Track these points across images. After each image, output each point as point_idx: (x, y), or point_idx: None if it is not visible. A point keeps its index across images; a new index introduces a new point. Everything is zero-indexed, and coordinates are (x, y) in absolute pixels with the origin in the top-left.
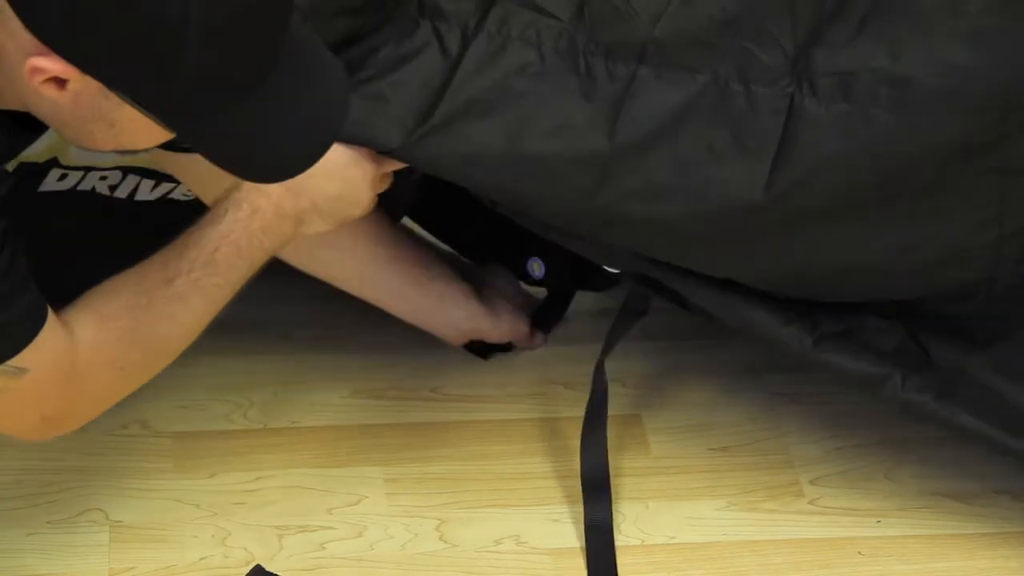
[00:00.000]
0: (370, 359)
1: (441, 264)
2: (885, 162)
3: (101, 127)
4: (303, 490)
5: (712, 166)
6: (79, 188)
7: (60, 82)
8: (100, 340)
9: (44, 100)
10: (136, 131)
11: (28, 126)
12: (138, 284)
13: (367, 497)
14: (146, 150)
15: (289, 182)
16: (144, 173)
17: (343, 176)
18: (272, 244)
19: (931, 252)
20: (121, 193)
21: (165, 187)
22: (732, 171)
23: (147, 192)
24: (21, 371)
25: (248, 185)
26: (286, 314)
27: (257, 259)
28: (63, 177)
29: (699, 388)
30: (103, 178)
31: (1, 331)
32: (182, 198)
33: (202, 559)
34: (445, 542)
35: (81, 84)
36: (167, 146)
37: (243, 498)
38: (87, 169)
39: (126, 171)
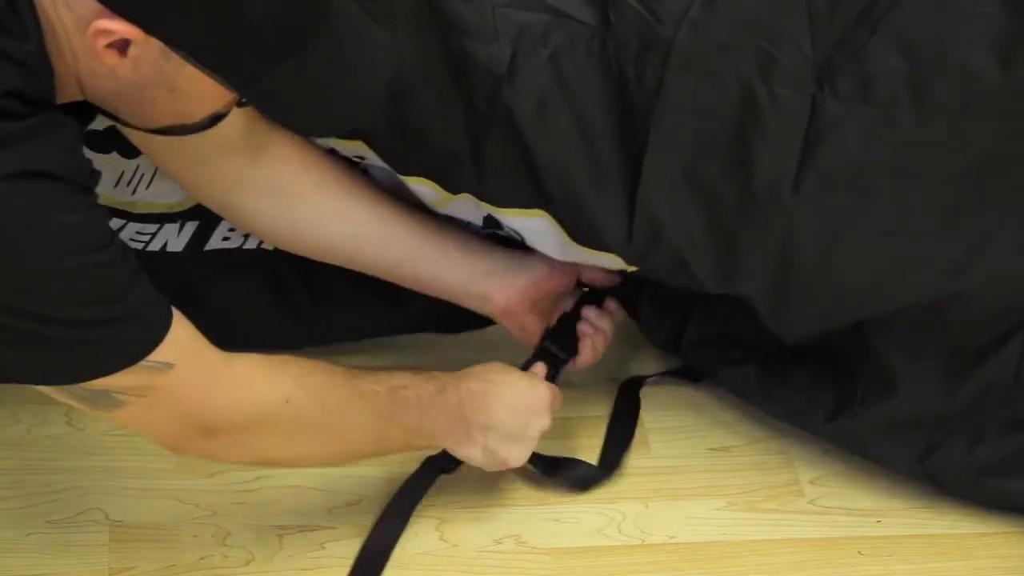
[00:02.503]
0: (370, 359)
1: (452, 223)
2: (913, 167)
3: (161, 94)
4: (303, 490)
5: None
6: None
7: (122, 48)
8: (272, 378)
9: (104, 72)
10: (195, 96)
11: (81, 119)
12: (342, 378)
13: (367, 497)
14: (195, 124)
15: (480, 405)
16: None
17: (524, 420)
18: (424, 432)
19: (966, 272)
20: None
21: (114, 224)
22: (761, 172)
23: None
24: (166, 365)
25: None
26: None
27: (404, 434)
28: None
29: (699, 388)
30: None
31: (132, 324)
32: (129, 243)
33: (202, 559)
34: (445, 542)
35: (143, 49)
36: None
37: (243, 498)
38: None
39: None
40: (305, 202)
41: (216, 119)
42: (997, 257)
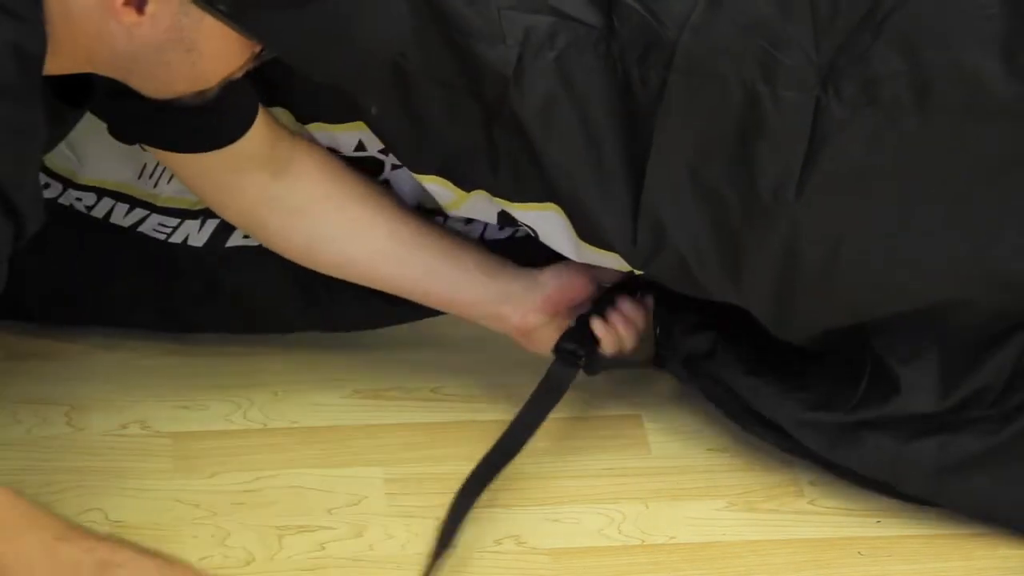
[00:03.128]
0: (370, 359)
1: (469, 240)
2: (916, 169)
3: (179, 55)
4: (303, 490)
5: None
6: (58, 200)
7: (140, 6)
8: None
9: (119, 34)
10: (212, 55)
11: (72, 101)
12: None
13: (367, 497)
14: (208, 92)
15: None
16: (118, 197)
17: None
18: None
19: (969, 275)
20: (97, 214)
21: (138, 214)
22: (765, 175)
23: (120, 217)
24: None
25: None
26: None
27: None
28: (46, 186)
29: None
30: (78, 199)
31: None
32: (152, 233)
33: (202, 559)
34: None
35: (161, 4)
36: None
37: (243, 498)
38: (66, 184)
39: (101, 193)
40: (325, 219)
41: (227, 86)
42: (1000, 259)
